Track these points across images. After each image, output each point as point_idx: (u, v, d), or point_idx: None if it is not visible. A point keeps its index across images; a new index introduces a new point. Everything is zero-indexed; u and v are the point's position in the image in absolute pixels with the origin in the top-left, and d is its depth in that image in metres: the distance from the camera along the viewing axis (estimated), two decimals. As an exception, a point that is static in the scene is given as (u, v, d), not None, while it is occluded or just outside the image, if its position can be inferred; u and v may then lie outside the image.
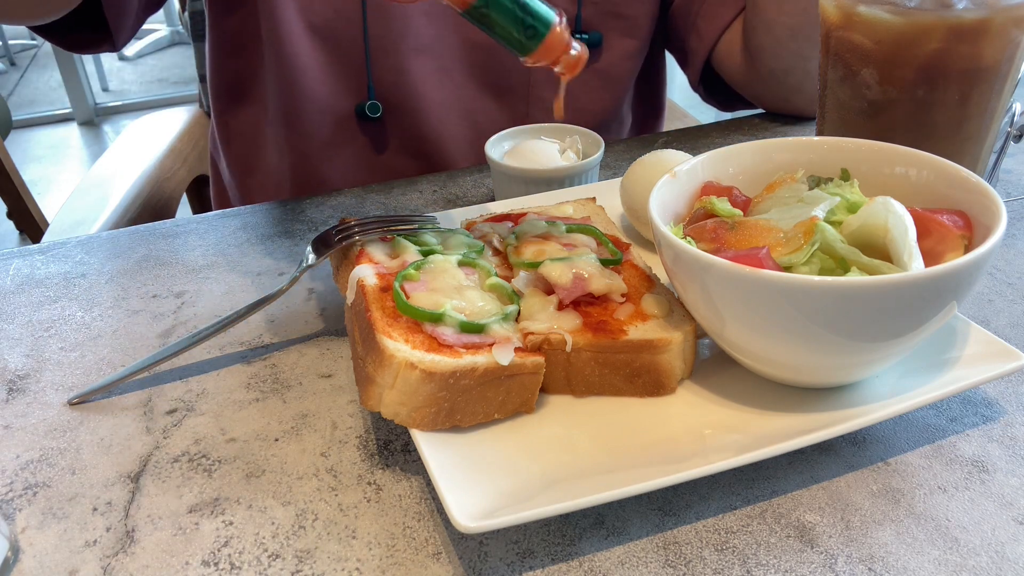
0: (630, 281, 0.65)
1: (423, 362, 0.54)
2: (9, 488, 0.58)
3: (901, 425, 0.59)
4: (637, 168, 0.77)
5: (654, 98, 1.27)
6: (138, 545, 0.53)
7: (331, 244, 0.68)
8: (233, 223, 0.90)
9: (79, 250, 0.87)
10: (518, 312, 0.61)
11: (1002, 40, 0.66)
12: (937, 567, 0.49)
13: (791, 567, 0.50)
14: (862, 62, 0.70)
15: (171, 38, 5.08)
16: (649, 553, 0.51)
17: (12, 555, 0.52)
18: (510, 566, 0.51)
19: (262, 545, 0.53)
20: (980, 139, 0.71)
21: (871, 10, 0.68)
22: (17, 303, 0.78)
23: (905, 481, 0.55)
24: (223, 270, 0.82)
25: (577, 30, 1.07)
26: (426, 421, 0.55)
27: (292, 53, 1.02)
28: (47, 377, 0.68)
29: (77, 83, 4.23)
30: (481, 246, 0.68)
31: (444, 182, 0.98)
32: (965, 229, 0.56)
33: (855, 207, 0.58)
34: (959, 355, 0.58)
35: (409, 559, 0.51)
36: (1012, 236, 0.80)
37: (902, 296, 0.50)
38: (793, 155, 0.66)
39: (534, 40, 0.55)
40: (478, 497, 0.50)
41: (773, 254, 0.54)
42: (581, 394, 0.60)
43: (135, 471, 0.59)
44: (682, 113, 1.83)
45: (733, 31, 1.07)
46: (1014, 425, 0.59)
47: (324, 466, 0.58)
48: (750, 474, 0.56)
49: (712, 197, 0.62)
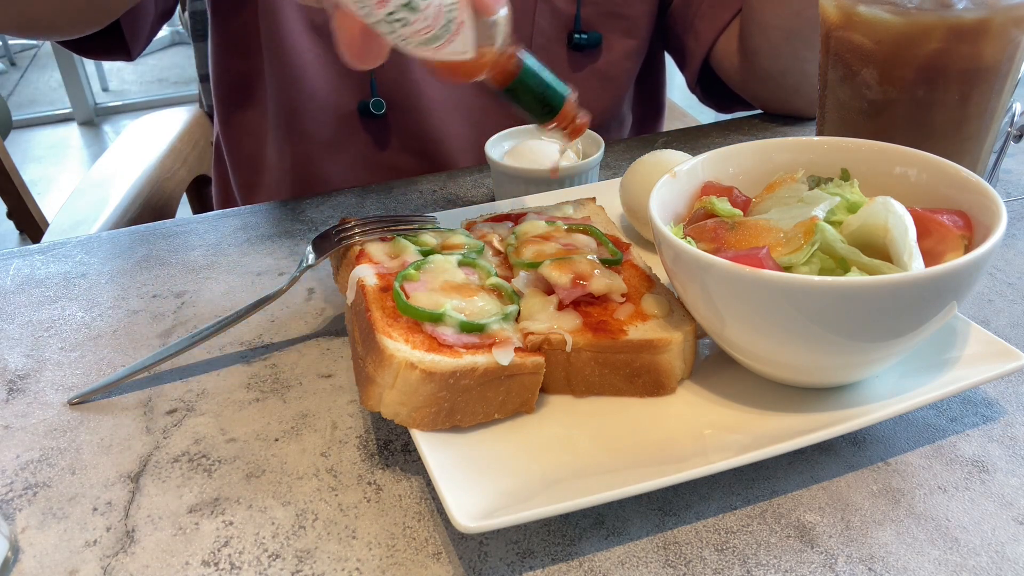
0: (630, 281, 0.65)
1: (423, 362, 0.54)
2: (9, 488, 0.58)
3: (901, 425, 0.59)
4: (637, 168, 0.77)
5: (654, 98, 1.27)
6: (138, 545, 0.53)
7: (331, 244, 0.68)
8: (233, 223, 0.90)
9: (79, 250, 0.87)
10: (518, 312, 0.61)
11: (1002, 40, 0.66)
12: (937, 567, 0.49)
13: (791, 567, 0.50)
14: (862, 62, 0.70)
15: (171, 38, 5.07)
16: (649, 553, 0.51)
17: (12, 555, 0.52)
18: (510, 566, 0.51)
19: (262, 545, 0.53)
20: (980, 139, 0.71)
21: (871, 10, 0.68)
22: (17, 303, 0.78)
23: (905, 481, 0.55)
24: (223, 270, 0.82)
25: (577, 30, 1.07)
26: (426, 421, 0.55)
27: (293, 52, 1.02)
28: (47, 377, 0.68)
29: (77, 83, 4.23)
30: (481, 246, 0.68)
31: (444, 182, 0.98)
32: (965, 229, 0.56)
33: (855, 207, 0.58)
34: (959, 355, 0.58)
35: (409, 559, 0.51)
36: (1012, 236, 0.80)
37: (902, 296, 0.50)
38: (793, 155, 0.66)
39: (551, 113, 0.64)
40: (478, 497, 0.50)
41: (773, 254, 0.54)
42: (581, 394, 0.60)
43: (135, 471, 0.59)
44: (682, 113, 1.83)
45: (731, 32, 1.07)
46: (1014, 425, 0.59)
47: (324, 466, 0.58)
48: (750, 474, 0.56)
49: (712, 197, 0.62)
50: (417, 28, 0.54)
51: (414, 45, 0.55)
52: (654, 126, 1.29)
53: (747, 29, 1.03)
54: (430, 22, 0.54)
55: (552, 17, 1.06)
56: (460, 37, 0.56)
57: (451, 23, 0.55)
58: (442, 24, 0.55)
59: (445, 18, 0.55)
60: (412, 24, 0.54)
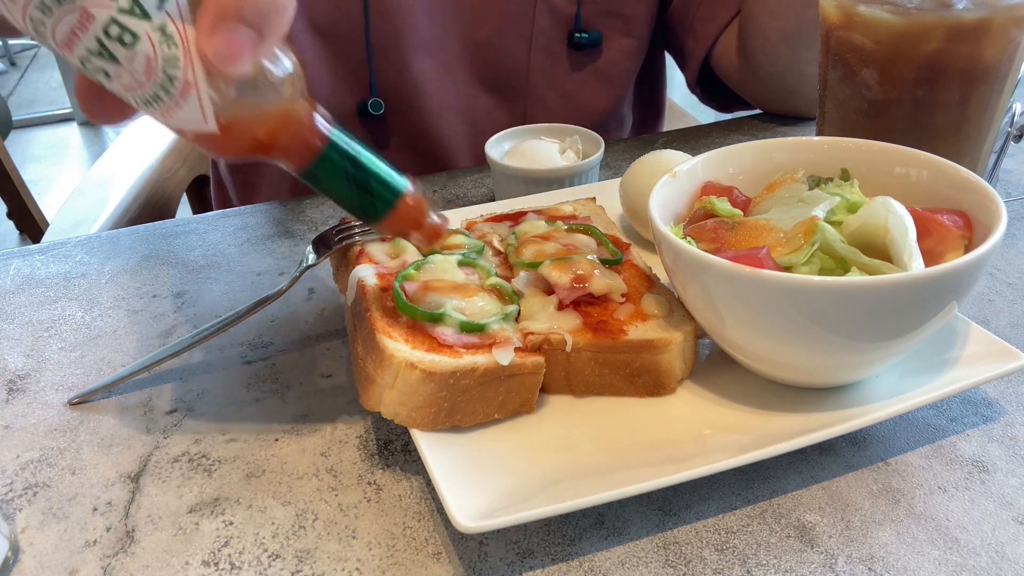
0: (630, 281, 0.65)
1: (423, 362, 0.54)
2: (9, 488, 0.58)
3: (901, 425, 0.59)
4: (637, 168, 0.77)
5: (654, 98, 1.27)
6: (138, 545, 0.53)
7: (331, 244, 0.68)
8: (233, 223, 0.90)
9: (79, 250, 0.87)
10: (518, 312, 0.61)
11: (1002, 40, 0.66)
12: (937, 567, 0.49)
13: (791, 567, 0.50)
14: (862, 62, 0.70)
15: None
16: (649, 553, 0.51)
17: (12, 555, 0.52)
18: (510, 566, 0.51)
19: (262, 545, 0.53)
20: (980, 139, 0.71)
21: (871, 10, 0.68)
22: (17, 303, 0.78)
23: (905, 481, 0.55)
24: (223, 270, 0.82)
25: (577, 29, 1.07)
26: (426, 421, 0.55)
27: (293, 51, 1.02)
28: (47, 377, 0.68)
29: (77, 83, 4.22)
30: (481, 246, 0.68)
31: (444, 182, 0.98)
32: (965, 229, 0.56)
33: (855, 207, 0.58)
34: (959, 355, 0.58)
35: (409, 559, 0.51)
36: (1012, 236, 0.80)
37: (902, 296, 0.50)
38: (793, 155, 0.66)
39: (379, 211, 0.49)
40: (478, 497, 0.50)
41: (773, 254, 0.54)
42: (581, 394, 0.60)
43: (135, 471, 0.59)
44: (682, 113, 1.83)
45: (730, 33, 1.07)
46: (1014, 425, 0.59)
47: (324, 466, 0.58)
48: (750, 474, 0.56)
49: (712, 197, 0.62)
50: (125, 83, 0.41)
51: (137, 103, 0.42)
52: (654, 126, 1.29)
53: (745, 31, 1.03)
54: (139, 78, 0.41)
55: (552, 17, 1.06)
56: (190, 103, 0.41)
57: (172, 83, 0.41)
58: (159, 82, 0.41)
59: (162, 75, 0.41)
60: (116, 78, 0.41)
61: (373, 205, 0.49)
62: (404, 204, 0.49)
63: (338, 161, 0.47)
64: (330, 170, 0.48)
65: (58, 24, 0.40)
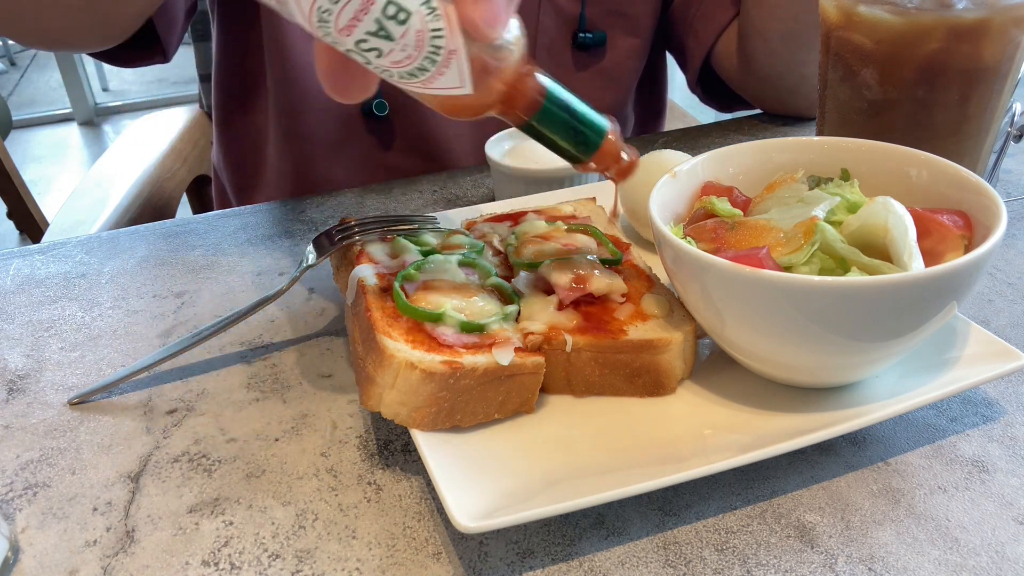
0: (630, 281, 0.65)
1: (423, 362, 0.54)
2: (9, 488, 0.58)
3: (901, 425, 0.59)
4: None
5: (655, 98, 1.27)
6: (138, 545, 0.53)
7: (331, 244, 0.68)
8: (233, 223, 0.90)
9: (79, 250, 0.87)
10: (518, 312, 0.61)
11: (1002, 40, 0.66)
12: (937, 567, 0.49)
13: (791, 567, 0.50)
14: (862, 62, 0.70)
15: (171, 38, 5.07)
16: (649, 553, 0.51)
17: (12, 555, 0.52)
18: (510, 566, 0.51)
19: (262, 545, 0.53)
20: (980, 139, 0.71)
21: (871, 10, 0.68)
22: (17, 303, 0.78)
23: (905, 481, 0.55)
24: (223, 270, 0.82)
25: (581, 29, 1.07)
26: (426, 421, 0.55)
27: (297, 54, 1.02)
28: (47, 377, 0.68)
29: (77, 83, 4.23)
30: (481, 246, 0.68)
31: (444, 182, 0.98)
32: (965, 229, 0.56)
33: (855, 207, 0.58)
34: (959, 355, 0.58)
35: (409, 559, 0.51)
36: (1012, 236, 0.80)
37: (902, 296, 0.50)
38: (793, 155, 0.66)
39: (588, 151, 0.54)
40: (478, 497, 0.50)
41: (773, 254, 0.54)
42: (581, 394, 0.60)
43: (135, 471, 0.59)
44: (682, 113, 1.83)
45: (730, 33, 1.07)
46: (1014, 425, 0.59)
47: (324, 466, 0.58)
48: (750, 474, 0.56)
49: (712, 197, 0.62)
50: (395, 59, 0.45)
51: (398, 77, 0.47)
52: (655, 126, 1.29)
53: (744, 32, 1.03)
54: (410, 52, 0.45)
55: (556, 17, 1.06)
56: (452, 69, 0.46)
57: (438, 53, 0.45)
58: (425, 54, 0.45)
59: (429, 47, 0.45)
60: (388, 55, 0.45)
61: (585, 144, 0.54)
62: (608, 142, 0.54)
63: (556, 111, 0.52)
64: (550, 118, 0.52)
65: (343, 11, 0.44)
